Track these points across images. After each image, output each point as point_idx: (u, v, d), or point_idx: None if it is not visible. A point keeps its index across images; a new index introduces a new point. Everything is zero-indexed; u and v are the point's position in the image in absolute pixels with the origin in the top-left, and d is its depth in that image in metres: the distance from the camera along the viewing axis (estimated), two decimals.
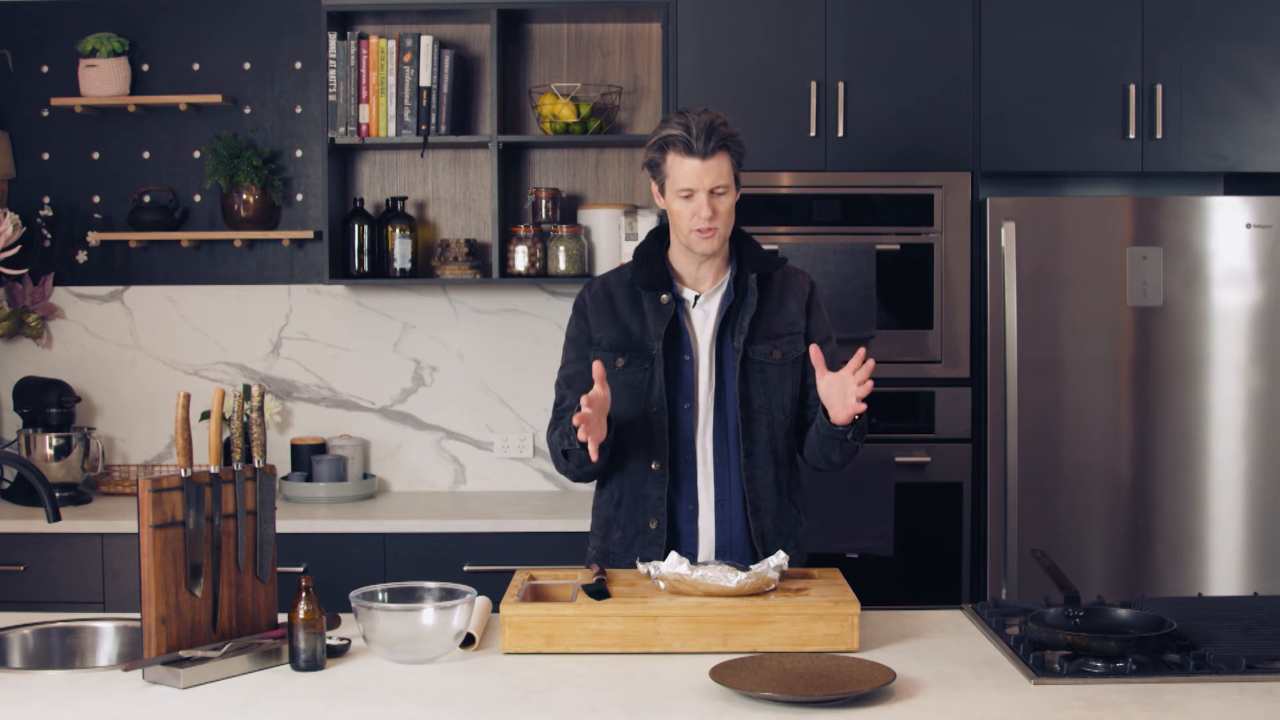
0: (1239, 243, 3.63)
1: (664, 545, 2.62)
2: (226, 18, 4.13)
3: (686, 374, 2.63)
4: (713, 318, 2.66)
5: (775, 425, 2.65)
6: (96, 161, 4.16)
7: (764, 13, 3.71)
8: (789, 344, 2.67)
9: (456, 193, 4.18)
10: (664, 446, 2.62)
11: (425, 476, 4.18)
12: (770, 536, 2.64)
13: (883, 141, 3.70)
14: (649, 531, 2.64)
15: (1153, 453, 3.65)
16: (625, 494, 2.68)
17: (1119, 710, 1.95)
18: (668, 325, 2.62)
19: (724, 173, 2.56)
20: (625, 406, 2.63)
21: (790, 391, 2.67)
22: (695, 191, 2.56)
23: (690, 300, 2.67)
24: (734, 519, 2.63)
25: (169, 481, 2.18)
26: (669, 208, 2.62)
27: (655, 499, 2.63)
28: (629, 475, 2.67)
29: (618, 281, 2.71)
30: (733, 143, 2.58)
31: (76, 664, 2.47)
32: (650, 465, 2.63)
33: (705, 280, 2.67)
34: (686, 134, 2.54)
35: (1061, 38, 3.72)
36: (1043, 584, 3.42)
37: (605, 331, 2.67)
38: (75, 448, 3.92)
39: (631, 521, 2.67)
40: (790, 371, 2.67)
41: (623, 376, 2.63)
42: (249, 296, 4.17)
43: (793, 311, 2.69)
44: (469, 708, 1.98)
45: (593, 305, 2.70)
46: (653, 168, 2.63)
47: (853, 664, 2.10)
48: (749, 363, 2.63)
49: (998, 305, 3.63)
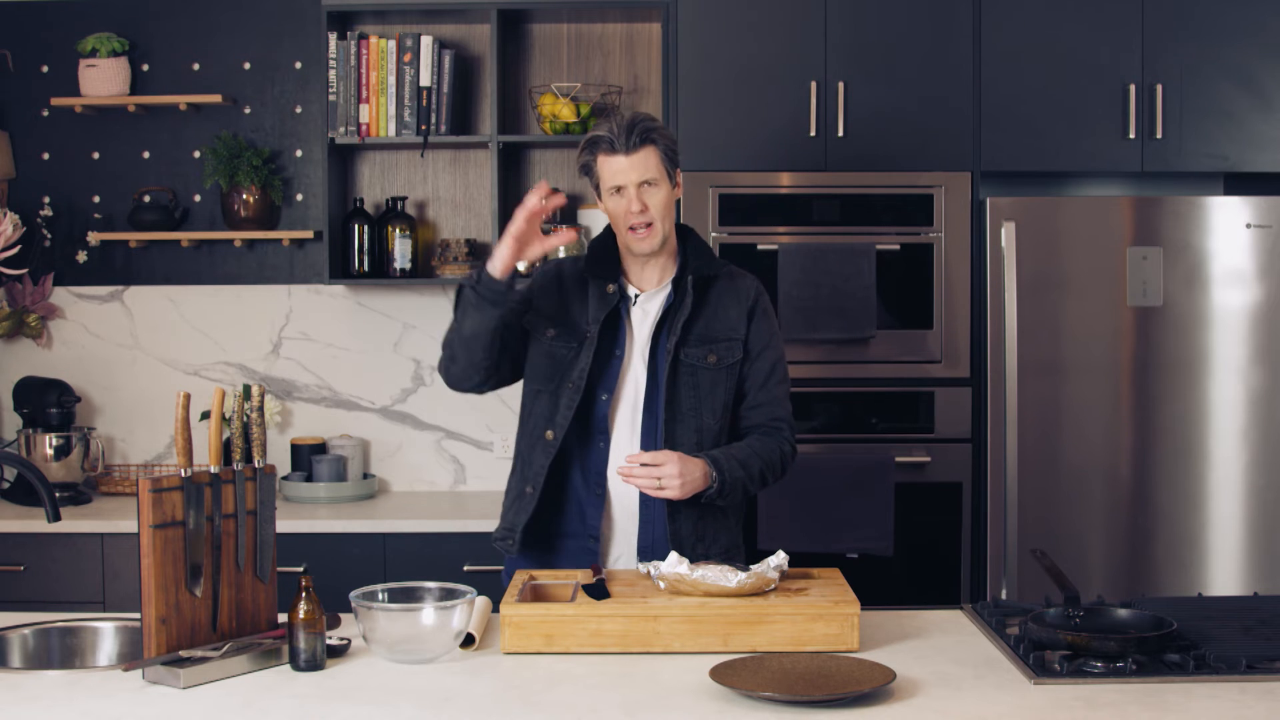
0: (1239, 243, 3.63)
1: (530, 513, 2.62)
2: (226, 18, 4.13)
3: (612, 369, 2.63)
4: (651, 317, 2.66)
5: (704, 429, 2.63)
6: (96, 161, 4.16)
7: (764, 12, 3.71)
8: (725, 349, 2.66)
9: (456, 193, 4.18)
10: (565, 422, 2.61)
11: (425, 476, 4.18)
12: (688, 541, 2.61)
13: (883, 141, 3.70)
14: (525, 496, 2.66)
15: (1153, 453, 3.65)
16: (519, 456, 2.72)
17: (1119, 710, 1.95)
18: (607, 314, 2.63)
19: (651, 166, 2.58)
20: (543, 375, 2.66)
21: (723, 398, 2.66)
22: (624, 186, 2.58)
23: (632, 298, 2.68)
24: (656, 520, 2.62)
25: (169, 481, 2.18)
26: (606, 209, 2.64)
27: (538, 467, 2.64)
28: (526, 437, 2.70)
29: (572, 266, 2.74)
30: (658, 136, 2.60)
31: (76, 664, 2.47)
32: (545, 434, 2.64)
33: (650, 280, 2.68)
34: (610, 133, 2.58)
35: (1061, 38, 3.72)
36: (1043, 584, 3.42)
37: (545, 302, 2.69)
38: (75, 448, 3.92)
39: (516, 485, 2.70)
40: (724, 377, 2.66)
41: (548, 346, 2.66)
42: (249, 296, 4.17)
43: (733, 317, 2.68)
44: (469, 708, 1.98)
45: (542, 277, 2.74)
46: (586, 172, 2.66)
47: (853, 664, 2.10)
48: (680, 365, 2.63)
49: (998, 305, 3.63)
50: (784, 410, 2.71)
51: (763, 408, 2.69)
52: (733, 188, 3.66)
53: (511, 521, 2.68)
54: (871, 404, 3.67)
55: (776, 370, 2.70)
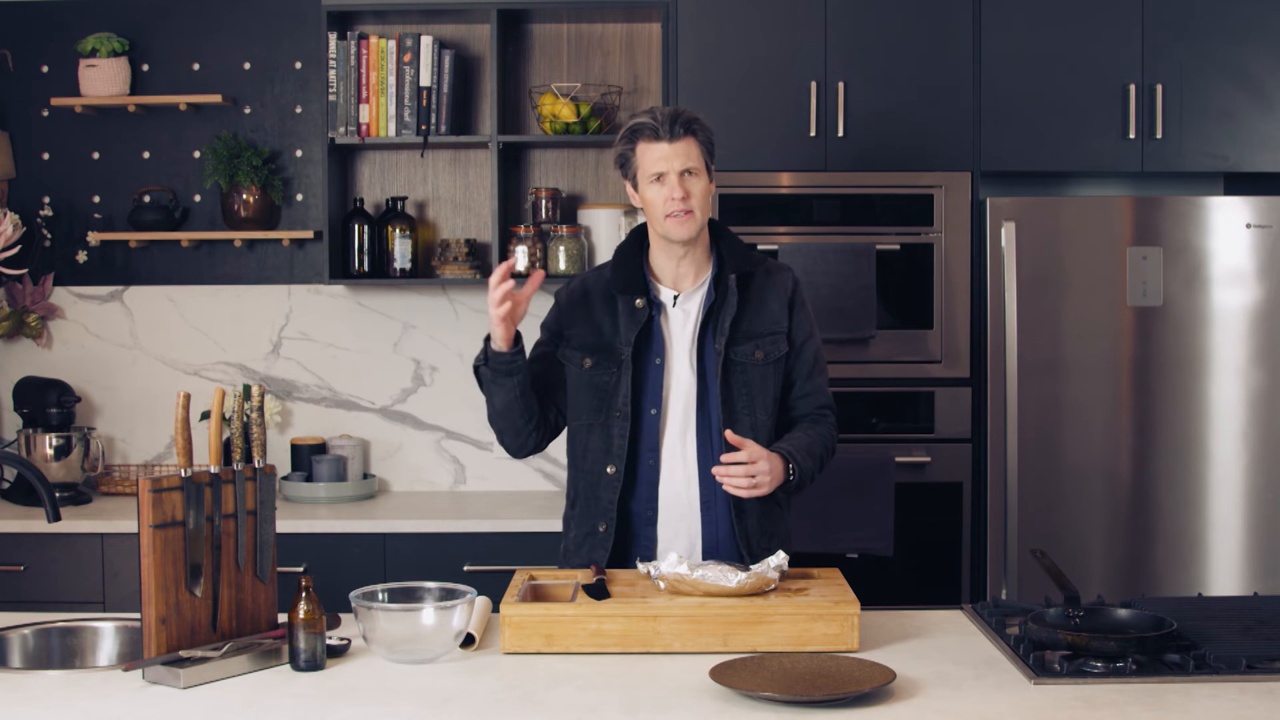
0: (1239, 243, 3.63)
1: (609, 549, 2.63)
2: (226, 17, 4.13)
3: (654, 379, 2.62)
4: (693, 318, 2.65)
5: (759, 426, 2.64)
6: (96, 161, 4.16)
7: (764, 13, 3.71)
8: (771, 344, 2.66)
9: (456, 193, 4.18)
10: (622, 451, 2.61)
11: (425, 476, 4.18)
12: (756, 537, 2.63)
13: (883, 141, 3.70)
14: (598, 534, 2.64)
15: (1153, 453, 3.65)
16: (580, 494, 2.69)
17: (1119, 710, 1.95)
18: (639, 331, 2.62)
19: (693, 156, 2.57)
20: (589, 408, 2.64)
21: (773, 392, 2.66)
22: (666, 174, 2.57)
23: (669, 301, 2.66)
24: (720, 520, 2.62)
25: (169, 481, 2.18)
26: (643, 198, 2.62)
27: (606, 502, 2.63)
28: (584, 476, 2.68)
29: (596, 280, 2.71)
30: (699, 128, 2.59)
31: (76, 664, 2.47)
32: (606, 469, 2.63)
33: (686, 279, 2.66)
34: (654, 120, 2.57)
35: (1061, 37, 3.72)
36: (1043, 584, 3.42)
37: (577, 330, 2.68)
38: (75, 448, 3.92)
39: (584, 522, 2.67)
40: (773, 371, 2.66)
41: (589, 377, 2.64)
42: (249, 296, 4.17)
43: (775, 310, 2.67)
44: (469, 708, 1.98)
45: (568, 303, 2.71)
46: (623, 162, 2.64)
47: (853, 664, 2.10)
48: (730, 364, 2.62)
49: (998, 305, 3.63)
50: (827, 398, 2.74)
51: (809, 397, 2.71)
52: (733, 187, 3.66)
53: (588, 557, 2.66)
54: (871, 404, 3.67)
55: (819, 360, 2.72)
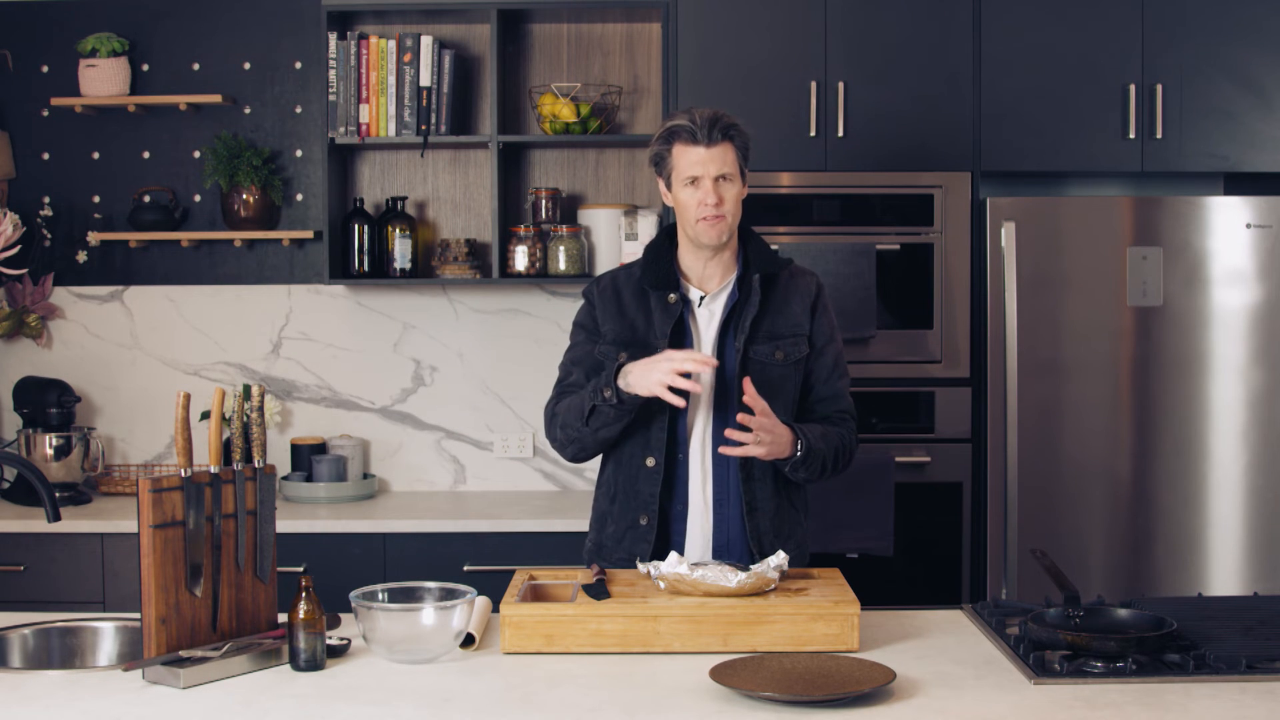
0: (1239, 243, 3.63)
1: (652, 542, 2.64)
2: (226, 17, 4.13)
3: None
4: (717, 318, 2.67)
5: None
6: (96, 161, 4.16)
7: (764, 13, 3.71)
8: (792, 345, 2.67)
9: (456, 193, 4.18)
10: (661, 444, 2.62)
11: (425, 476, 4.18)
12: (768, 537, 2.64)
13: (882, 141, 3.70)
14: (639, 527, 2.65)
15: (1153, 453, 3.65)
16: (620, 489, 2.69)
17: (1119, 710, 1.95)
18: (674, 324, 2.63)
19: (729, 161, 2.58)
20: None
21: (792, 393, 2.68)
22: (701, 178, 2.57)
23: (696, 300, 2.68)
24: (731, 519, 2.64)
25: (169, 481, 2.18)
26: (676, 200, 2.63)
27: (648, 495, 2.64)
28: (624, 470, 2.68)
29: (626, 278, 2.73)
30: (736, 133, 2.60)
31: (76, 664, 2.47)
32: (645, 462, 2.64)
33: (712, 280, 2.68)
34: (692, 123, 2.58)
35: (1061, 38, 3.72)
36: (1043, 584, 3.42)
37: (610, 325, 2.69)
38: (75, 448, 3.92)
39: (624, 516, 2.68)
40: (793, 373, 2.67)
41: None
42: (249, 296, 4.17)
43: (797, 312, 2.69)
44: (469, 708, 1.98)
45: (600, 299, 2.72)
46: (658, 162, 2.65)
47: (853, 664, 2.10)
48: (750, 363, 2.63)
49: (998, 305, 3.63)
50: (848, 403, 2.74)
51: (828, 401, 2.72)
52: None
53: (629, 551, 2.66)
54: (872, 404, 3.67)
55: (840, 364, 2.73)
